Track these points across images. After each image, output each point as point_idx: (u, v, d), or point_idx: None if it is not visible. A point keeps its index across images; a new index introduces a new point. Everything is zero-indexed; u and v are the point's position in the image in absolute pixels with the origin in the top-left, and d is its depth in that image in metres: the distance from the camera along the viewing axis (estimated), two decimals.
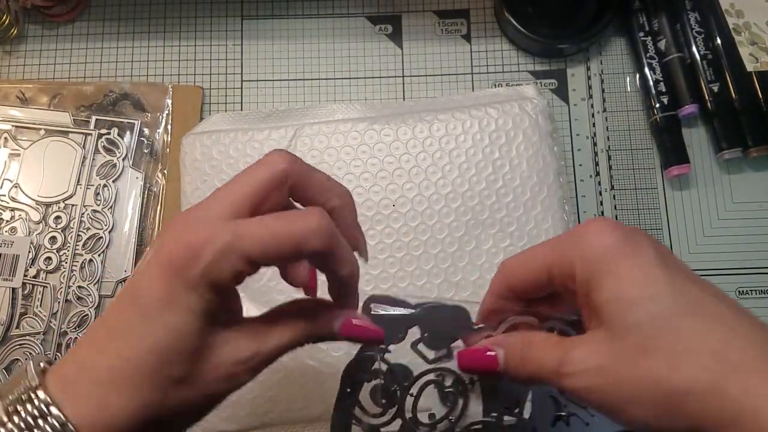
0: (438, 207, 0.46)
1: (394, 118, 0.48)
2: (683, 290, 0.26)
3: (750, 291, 0.49)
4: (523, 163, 0.47)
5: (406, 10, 0.55)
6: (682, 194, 0.51)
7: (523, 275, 0.31)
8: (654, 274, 0.26)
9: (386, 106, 0.50)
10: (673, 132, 0.51)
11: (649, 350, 0.25)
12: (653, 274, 0.26)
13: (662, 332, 0.25)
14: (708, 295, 0.26)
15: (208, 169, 0.47)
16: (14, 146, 0.50)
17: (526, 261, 0.31)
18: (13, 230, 0.49)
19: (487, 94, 0.51)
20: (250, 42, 0.55)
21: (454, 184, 0.47)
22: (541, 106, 0.48)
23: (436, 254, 0.46)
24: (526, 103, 0.48)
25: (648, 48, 0.52)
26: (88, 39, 0.54)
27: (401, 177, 0.47)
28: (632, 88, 0.53)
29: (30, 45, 0.54)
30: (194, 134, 0.49)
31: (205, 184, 0.47)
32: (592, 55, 0.54)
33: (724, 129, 0.50)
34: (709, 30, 0.52)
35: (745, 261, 0.50)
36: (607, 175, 0.52)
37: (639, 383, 0.26)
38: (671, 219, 0.51)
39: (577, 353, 0.27)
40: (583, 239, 0.28)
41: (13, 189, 0.50)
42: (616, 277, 0.27)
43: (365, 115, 0.49)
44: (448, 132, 0.48)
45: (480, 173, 0.47)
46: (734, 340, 0.25)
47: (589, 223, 0.29)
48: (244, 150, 0.48)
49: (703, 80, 0.51)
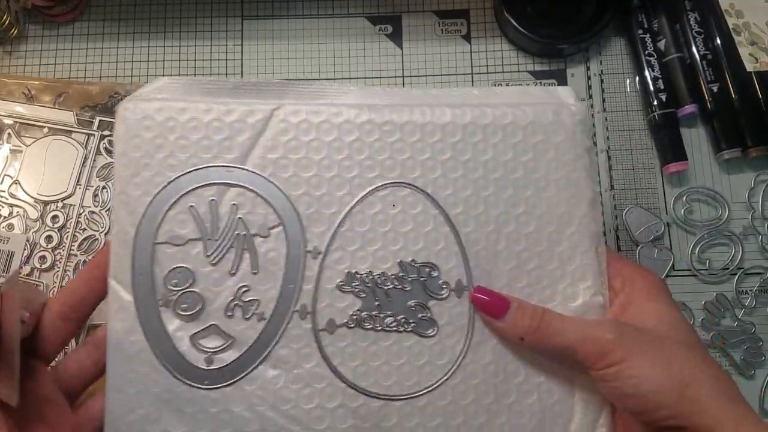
0: (446, 229, 0.37)
1: (398, 109, 0.37)
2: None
3: (750, 291, 0.49)
4: (551, 187, 0.37)
5: (406, 10, 0.55)
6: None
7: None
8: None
9: (388, 93, 0.39)
10: (670, 129, 0.50)
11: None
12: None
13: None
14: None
15: (153, 151, 0.36)
16: (17, 143, 0.50)
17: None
18: (10, 227, 0.49)
19: (513, 91, 0.40)
20: (250, 42, 0.55)
21: (467, 204, 0.37)
22: (581, 116, 0.38)
23: None
24: (563, 110, 0.38)
25: (647, 47, 0.52)
26: (88, 39, 0.54)
27: (403, 189, 0.37)
28: (632, 88, 0.53)
29: (30, 45, 0.54)
30: (136, 100, 0.37)
31: (147, 169, 0.36)
32: (591, 55, 0.54)
33: (724, 129, 0.50)
34: (709, 30, 0.52)
35: (745, 261, 0.49)
36: (607, 175, 0.52)
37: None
38: (671, 219, 0.50)
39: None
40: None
41: (13, 185, 0.50)
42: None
43: (363, 102, 0.38)
44: (464, 136, 0.37)
45: (498, 194, 0.37)
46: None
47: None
48: (204, 130, 0.36)
49: (702, 80, 0.51)
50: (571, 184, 0.37)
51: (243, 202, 0.36)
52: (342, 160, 0.36)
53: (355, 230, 0.36)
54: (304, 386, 0.35)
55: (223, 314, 0.35)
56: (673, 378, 0.31)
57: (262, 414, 0.34)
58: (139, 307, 0.35)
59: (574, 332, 0.33)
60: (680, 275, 0.49)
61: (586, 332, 0.33)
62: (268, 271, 0.35)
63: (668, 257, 0.50)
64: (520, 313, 0.34)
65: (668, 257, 0.50)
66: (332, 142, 0.37)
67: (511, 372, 0.36)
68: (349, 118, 0.37)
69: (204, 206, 0.36)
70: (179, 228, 0.35)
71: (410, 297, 0.36)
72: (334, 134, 0.37)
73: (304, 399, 0.35)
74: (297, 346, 0.35)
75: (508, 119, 0.37)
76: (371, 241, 0.36)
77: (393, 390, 0.35)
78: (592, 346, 0.32)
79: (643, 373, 0.31)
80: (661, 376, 0.31)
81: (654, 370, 0.31)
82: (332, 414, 0.35)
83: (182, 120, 0.36)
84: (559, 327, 0.33)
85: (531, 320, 0.34)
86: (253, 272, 0.35)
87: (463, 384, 0.35)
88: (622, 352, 0.31)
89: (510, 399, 0.35)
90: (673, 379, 0.31)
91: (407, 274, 0.36)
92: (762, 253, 0.50)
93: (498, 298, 0.35)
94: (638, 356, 0.31)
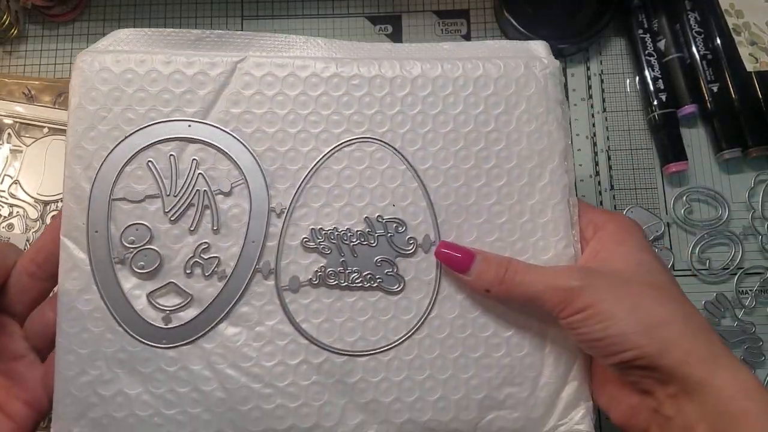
0: (414, 185, 0.36)
1: (367, 63, 0.37)
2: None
3: (750, 291, 0.49)
4: (522, 139, 0.37)
5: (406, 10, 0.55)
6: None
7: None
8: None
9: (356, 47, 0.38)
10: (670, 129, 0.50)
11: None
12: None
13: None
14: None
15: (110, 104, 0.35)
16: (17, 143, 0.50)
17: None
18: (10, 227, 0.49)
19: (486, 46, 0.39)
20: None
21: (436, 158, 0.36)
22: (552, 68, 0.38)
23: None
24: (534, 63, 0.38)
25: (647, 47, 0.52)
26: (88, 39, 0.54)
27: (371, 144, 0.36)
28: (632, 88, 0.53)
29: (30, 45, 0.54)
30: (94, 52, 0.36)
31: (104, 123, 0.35)
32: (591, 55, 0.54)
33: (724, 129, 0.50)
34: (709, 30, 0.52)
35: (745, 261, 0.49)
36: (607, 175, 0.52)
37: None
38: (671, 219, 0.50)
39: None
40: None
41: (13, 185, 0.50)
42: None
43: (330, 55, 0.37)
44: (434, 90, 0.37)
45: (468, 147, 0.36)
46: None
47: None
48: (163, 83, 0.35)
49: (702, 80, 0.51)
50: (543, 137, 0.37)
51: (204, 157, 0.35)
52: (308, 115, 0.36)
53: (321, 186, 0.36)
54: (266, 343, 0.34)
55: (182, 272, 0.34)
56: (640, 319, 0.30)
57: (222, 372, 0.34)
58: (93, 265, 0.34)
59: (539, 281, 0.33)
60: (680, 275, 0.49)
61: (551, 281, 0.33)
62: (230, 228, 0.35)
63: (668, 257, 0.50)
64: (485, 266, 0.34)
65: (668, 257, 0.50)
66: (298, 96, 0.36)
67: (479, 326, 0.36)
68: (316, 72, 0.36)
69: (163, 162, 0.35)
70: (137, 184, 0.35)
71: (376, 253, 0.35)
72: (299, 88, 0.36)
73: (266, 356, 0.34)
74: (259, 303, 0.35)
75: (479, 72, 0.37)
76: (337, 197, 0.36)
77: (357, 346, 0.35)
78: (557, 294, 0.32)
79: (610, 316, 0.31)
80: (627, 318, 0.30)
81: (620, 313, 0.31)
82: (295, 371, 0.34)
83: (141, 72, 0.35)
84: (524, 277, 0.33)
85: (496, 271, 0.34)
86: (214, 229, 0.35)
87: (429, 338, 0.35)
88: (588, 298, 0.31)
89: (478, 353, 0.35)
90: (640, 320, 0.30)
91: (374, 230, 0.36)
92: (762, 253, 0.50)
93: (462, 251, 0.35)
94: (604, 301, 0.31)
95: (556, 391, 0.36)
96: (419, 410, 0.35)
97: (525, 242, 0.36)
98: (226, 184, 0.35)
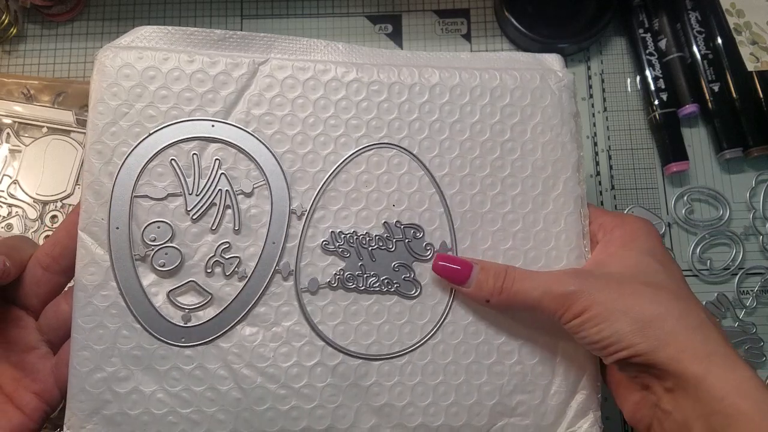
0: (431, 191, 0.37)
1: (386, 69, 0.37)
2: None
3: (751, 291, 0.49)
4: (537, 150, 0.38)
5: (406, 9, 0.55)
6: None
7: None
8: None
9: (376, 54, 0.39)
10: (671, 129, 0.50)
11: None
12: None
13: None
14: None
15: (132, 100, 0.35)
16: (16, 142, 0.50)
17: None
18: (9, 227, 0.49)
19: (501, 57, 0.40)
20: None
21: (453, 166, 0.37)
22: (567, 82, 0.39)
23: None
24: (550, 76, 0.39)
25: (648, 46, 0.52)
26: (87, 38, 0.54)
27: (389, 150, 0.37)
28: (632, 87, 0.53)
29: (29, 44, 0.54)
30: (116, 48, 0.36)
31: (126, 119, 0.35)
32: (592, 55, 0.54)
33: (725, 129, 0.50)
34: (710, 29, 0.52)
35: (746, 261, 0.49)
36: (608, 174, 0.51)
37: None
38: (672, 219, 0.50)
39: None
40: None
41: (12, 185, 0.49)
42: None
43: (351, 60, 0.38)
44: (452, 98, 0.37)
45: (484, 155, 0.37)
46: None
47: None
48: (186, 81, 0.35)
49: (703, 80, 0.51)
50: (557, 148, 0.38)
51: (225, 157, 0.35)
52: (328, 118, 0.36)
53: (339, 190, 0.36)
54: (282, 344, 0.35)
55: (202, 271, 0.35)
56: (633, 318, 0.31)
57: (238, 372, 0.34)
58: (113, 262, 0.34)
59: (537, 288, 0.33)
60: None
61: (548, 287, 0.33)
62: (250, 229, 0.35)
63: None
64: (483, 275, 0.34)
65: None
66: (318, 99, 0.36)
67: (492, 333, 0.36)
68: (337, 76, 0.37)
69: (185, 160, 0.35)
70: (158, 181, 0.35)
71: (394, 258, 0.36)
72: (320, 92, 0.36)
73: (282, 357, 0.34)
74: (276, 304, 0.35)
75: (495, 82, 0.38)
76: (355, 201, 0.36)
77: (372, 349, 0.35)
78: (555, 300, 0.32)
79: (605, 318, 0.31)
80: (621, 318, 0.31)
81: (615, 314, 0.31)
82: (310, 372, 0.34)
83: (164, 70, 0.35)
84: (522, 285, 0.33)
85: (495, 280, 0.34)
86: (235, 230, 0.35)
87: (443, 344, 0.36)
88: (585, 301, 0.32)
89: (490, 359, 0.36)
90: (634, 319, 0.31)
91: (392, 235, 0.36)
92: (763, 253, 0.50)
93: (460, 262, 0.35)
94: (599, 303, 0.31)
95: (566, 400, 0.36)
96: (432, 415, 0.35)
97: (538, 251, 0.37)
98: (247, 184, 0.35)
